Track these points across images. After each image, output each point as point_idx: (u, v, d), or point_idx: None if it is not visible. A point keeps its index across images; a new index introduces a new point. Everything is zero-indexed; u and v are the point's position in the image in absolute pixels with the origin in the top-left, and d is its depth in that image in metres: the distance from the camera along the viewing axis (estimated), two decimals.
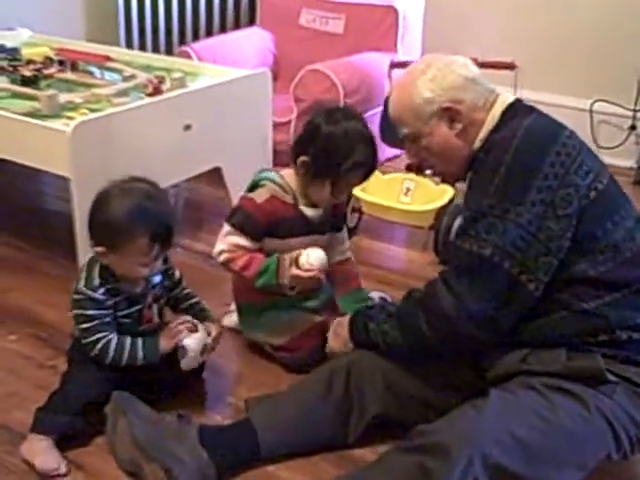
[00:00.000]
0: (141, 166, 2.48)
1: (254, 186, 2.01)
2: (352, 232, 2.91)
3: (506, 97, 1.72)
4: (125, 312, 1.83)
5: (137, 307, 1.85)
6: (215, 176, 2.81)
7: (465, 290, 1.55)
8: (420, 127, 1.70)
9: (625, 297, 1.57)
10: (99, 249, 1.76)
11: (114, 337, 1.79)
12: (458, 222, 2.63)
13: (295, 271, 1.92)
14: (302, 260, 1.92)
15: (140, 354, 1.80)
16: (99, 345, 1.77)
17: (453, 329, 1.59)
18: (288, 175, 2.02)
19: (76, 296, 1.79)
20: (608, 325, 1.56)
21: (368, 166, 1.96)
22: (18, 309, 2.36)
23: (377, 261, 2.74)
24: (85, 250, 2.38)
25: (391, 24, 3.59)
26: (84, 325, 1.78)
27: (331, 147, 1.90)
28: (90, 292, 1.77)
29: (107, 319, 1.79)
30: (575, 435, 1.51)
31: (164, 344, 1.81)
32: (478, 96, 1.68)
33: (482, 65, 2.57)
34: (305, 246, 1.97)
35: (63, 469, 1.71)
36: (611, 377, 1.54)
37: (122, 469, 1.71)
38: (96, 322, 1.78)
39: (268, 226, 1.97)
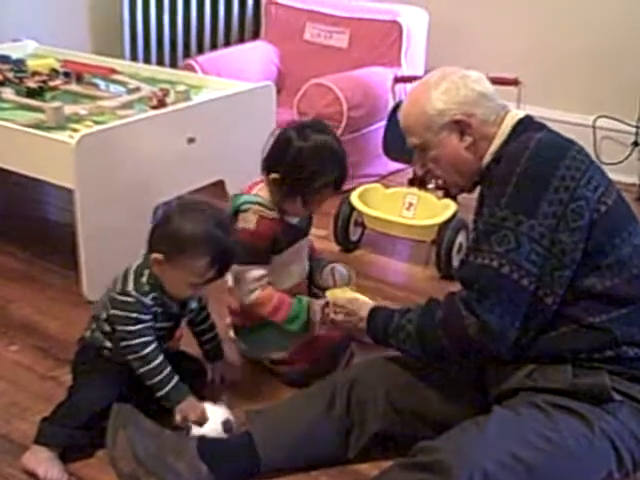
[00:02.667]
0: (145, 178, 2.50)
1: (235, 213, 2.00)
2: (355, 246, 2.92)
3: (516, 113, 1.73)
4: (160, 325, 1.83)
5: (171, 324, 1.87)
6: (218, 189, 2.81)
7: (489, 315, 1.53)
8: (430, 138, 1.70)
9: (632, 313, 1.57)
10: (157, 256, 1.76)
11: (162, 354, 1.78)
12: (460, 237, 2.66)
13: (332, 316, 1.90)
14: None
15: (167, 389, 1.78)
16: (147, 350, 1.76)
17: (478, 350, 1.58)
18: (262, 191, 2.02)
19: (122, 297, 1.78)
20: (614, 340, 1.55)
21: (338, 182, 1.98)
22: (19, 320, 2.36)
23: (379, 275, 2.74)
24: (88, 260, 2.40)
25: (395, 39, 3.60)
26: (129, 327, 1.77)
27: (301, 167, 1.92)
28: (140, 296, 1.78)
29: (150, 323, 1.79)
30: (578, 456, 1.50)
31: (184, 408, 1.79)
32: (490, 111, 1.69)
33: None
34: (296, 253, 2.06)
35: None
36: (616, 395, 1.54)
37: None
38: (142, 325, 1.77)
39: (270, 246, 1.99)
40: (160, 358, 1.78)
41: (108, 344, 1.84)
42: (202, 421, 1.77)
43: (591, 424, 1.51)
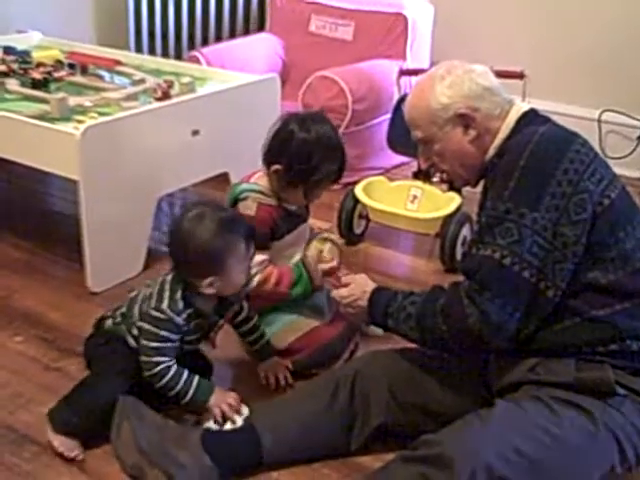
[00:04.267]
0: (149, 170, 2.51)
1: (235, 202, 2.03)
2: (358, 239, 2.92)
3: (520, 106, 1.72)
4: (189, 338, 1.84)
5: (199, 335, 1.87)
6: (222, 181, 2.82)
7: (490, 306, 1.53)
8: (434, 132, 1.70)
9: (636, 307, 1.57)
10: (208, 280, 1.75)
11: (174, 365, 1.78)
12: (465, 230, 2.66)
13: (323, 266, 2.06)
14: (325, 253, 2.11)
15: (190, 392, 1.78)
16: (158, 368, 1.76)
17: (476, 340, 1.57)
18: (261, 179, 2.06)
19: (155, 313, 1.76)
20: (618, 334, 1.55)
21: (338, 173, 2.03)
22: (24, 310, 2.37)
23: (383, 268, 2.74)
24: (92, 251, 2.40)
25: (401, 32, 3.60)
26: (153, 344, 1.76)
27: (305, 158, 1.95)
28: (173, 315, 1.76)
29: (176, 344, 1.79)
30: (581, 450, 1.50)
31: (216, 403, 1.80)
32: (494, 105, 1.68)
33: None
34: (297, 238, 2.10)
35: (80, 454, 1.75)
36: (620, 390, 1.53)
37: (126, 473, 1.71)
38: (166, 345, 1.77)
39: (271, 232, 2.03)
40: (172, 372, 1.77)
41: (131, 341, 1.84)
42: (238, 408, 1.80)
43: (594, 418, 1.51)
